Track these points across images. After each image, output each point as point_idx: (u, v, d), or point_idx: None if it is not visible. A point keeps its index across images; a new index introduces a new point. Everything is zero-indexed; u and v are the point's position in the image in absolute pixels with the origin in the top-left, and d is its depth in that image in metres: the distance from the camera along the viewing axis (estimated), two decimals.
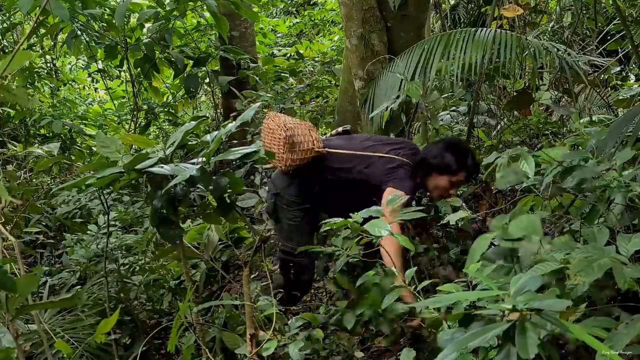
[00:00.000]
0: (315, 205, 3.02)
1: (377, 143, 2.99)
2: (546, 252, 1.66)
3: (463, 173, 2.81)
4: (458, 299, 1.41)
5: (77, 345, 2.59)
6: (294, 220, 3.01)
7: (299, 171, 2.92)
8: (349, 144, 3.00)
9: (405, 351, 1.87)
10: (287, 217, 3.02)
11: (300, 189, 2.98)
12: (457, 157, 2.81)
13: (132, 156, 2.17)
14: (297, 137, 2.86)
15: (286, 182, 3.01)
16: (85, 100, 9.21)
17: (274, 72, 6.12)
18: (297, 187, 2.98)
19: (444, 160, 2.80)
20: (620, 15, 3.80)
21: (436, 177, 2.83)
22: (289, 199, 3.00)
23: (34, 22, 3.70)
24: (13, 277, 1.63)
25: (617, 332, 1.44)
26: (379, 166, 2.85)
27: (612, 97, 4.66)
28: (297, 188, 2.98)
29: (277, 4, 11.28)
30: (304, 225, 3.02)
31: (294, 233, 3.01)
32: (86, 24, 5.10)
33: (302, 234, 3.01)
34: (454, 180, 2.82)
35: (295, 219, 3.00)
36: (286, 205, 3.01)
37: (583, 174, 1.92)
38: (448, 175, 2.81)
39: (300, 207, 2.99)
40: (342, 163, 2.93)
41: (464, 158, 2.82)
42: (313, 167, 2.93)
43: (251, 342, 2.22)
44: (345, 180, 2.92)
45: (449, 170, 2.80)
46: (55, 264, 4.02)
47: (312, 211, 3.03)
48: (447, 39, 3.37)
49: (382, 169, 2.84)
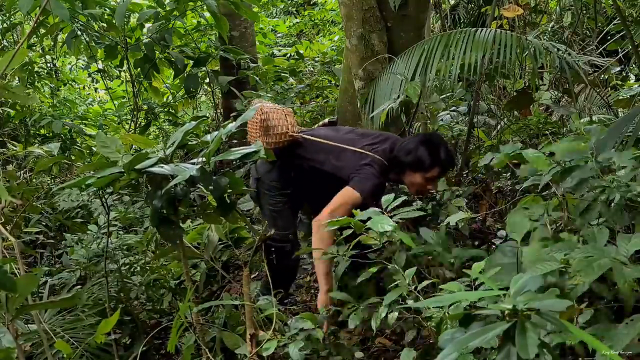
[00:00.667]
0: (296, 191, 3.03)
1: (356, 137, 2.98)
2: (546, 252, 1.66)
3: (437, 169, 2.78)
4: (458, 298, 1.41)
5: (77, 345, 2.59)
6: (275, 206, 3.03)
7: (278, 157, 2.93)
8: (329, 134, 3.00)
9: (406, 351, 1.87)
10: (268, 203, 3.05)
11: (279, 174, 3.00)
12: (430, 153, 2.77)
13: (132, 156, 2.16)
14: (271, 121, 2.89)
15: (267, 168, 3.03)
16: (85, 100, 9.21)
17: (274, 72, 6.11)
18: (277, 173, 3.00)
19: (416, 157, 2.77)
20: (620, 15, 3.80)
21: (410, 174, 2.80)
22: (269, 184, 3.02)
23: (34, 22, 3.70)
24: (13, 277, 1.63)
25: (617, 332, 1.44)
26: (351, 160, 2.84)
27: (612, 97, 4.66)
28: (277, 173, 3.00)
29: (277, 4, 11.28)
30: (285, 210, 3.04)
31: (276, 219, 3.03)
32: (86, 24, 5.10)
33: (284, 219, 3.03)
34: (428, 176, 2.78)
35: (276, 204, 3.02)
36: (267, 190, 3.03)
37: (583, 174, 1.92)
38: (421, 172, 2.78)
39: (280, 193, 3.01)
40: (316, 154, 2.94)
41: (437, 153, 2.78)
42: (290, 153, 2.95)
43: (251, 342, 2.22)
44: (318, 170, 2.93)
45: (422, 167, 2.77)
46: (55, 264, 4.02)
47: (293, 197, 3.04)
48: (447, 39, 3.37)
49: (352, 164, 2.83)
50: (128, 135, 3.06)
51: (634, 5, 5.70)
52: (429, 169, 2.77)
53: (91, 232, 3.62)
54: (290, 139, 2.93)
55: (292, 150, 2.96)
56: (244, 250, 3.42)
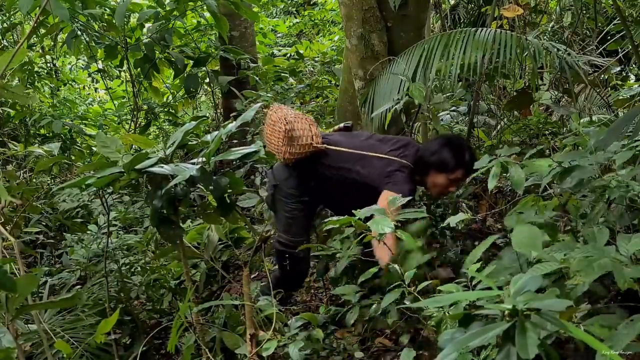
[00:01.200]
0: (313, 199, 3.03)
1: (377, 142, 2.98)
2: (546, 252, 1.66)
3: (461, 170, 2.80)
4: (458, 299, 1.41)
5: (77, 345, 2.59)
6: (291, 213, 3.02)
7: (298, 164, 2.93)
8: (349, 141, 2.99)
9: (406, 351, 1.87)
10: (284, 209, 3.03)
11: (299, 182, 2.99)
12: (454, 155, 2.79)
13: (132, 156, 2.17)
14: (296, 131, 2.86)
15: (286, 175, 3.02)
16: (85, 100, 9.21)
17: (274, 72, 6.11)
18: (296, 180, 2.99)
19: (440, 158, 2.79)
20: (620, 15, 3.80)
21: (434, 175, 2.82)
22: (287, 191, 3.01)
23: (34, 22, 3.71)
24: (13, 277, 1.63)
25: (617, 332, 1.44)
26: (378, 168, 2.84)
27: (612, 97, 4.66)
28: (295, 181, 2.99)
29: (277, 4, 11.28)
30: (301, 218, 3.03)
31: (291, 225, 3.02)
32: (86, 24, 5.10)
33: (298, 226, 3.02)
34: (452, 177, 2.81)
35: (292, 211, 3.01)
36: (284, 197, 3.02)
37: (583, 174, 1.92)
38: (446, 173, 2.80)
39: (298, 200, 3.00)
40: (340, 162, 2.92)
41: (462, 155, 2.80)
42: (311, 162, 2.94)
43: (251, 342, 2.22)
44: (343, 178, 2.92)
45: (446, 168, 2.79)
46: (55, 264, 4.02)
47: (309, 205, 3.04)
48: (447, 39, 3.37)
49: (380, 171, 2.83)
50: (128, 135, 3.06)
51: (634, 5, 5.70)
52: (453, 170, 2.79)
53: (91, 232, 3.62)
54: (314, 150, 2.91)
55: (314, 159, 2.93)
56: (244, 250, 3.42)
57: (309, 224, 3.12)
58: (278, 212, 3.08)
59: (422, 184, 2.91)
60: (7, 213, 3.10)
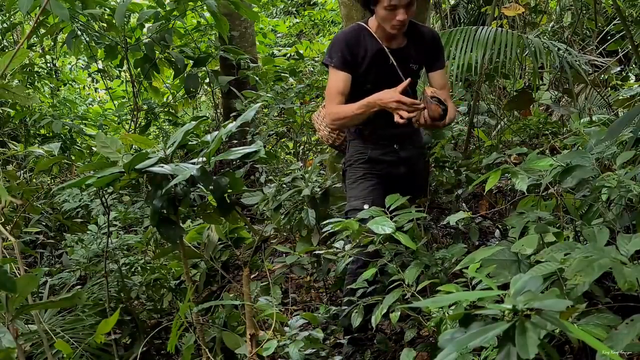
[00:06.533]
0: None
1: None
2: (546, 252, 1.66)
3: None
4: (458, 299, 1.41)
5: (77, 345, 2.58)
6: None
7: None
8: None
9: (406, 351, 1.86)
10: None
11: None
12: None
13: (132, 156, 2.16)
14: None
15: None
16: (85, 100, 9.21)
17: (274, 72, 6.11)
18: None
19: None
20: (620, 15, 3.80)
21: (376, 10, 2.73)
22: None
23: (34, 22, 3.70)
24: (13, 277, 1.62)
25: (617, 332, 1.44)
26: None
27: (612, 97, 4.66)
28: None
29: (277, 4, 11.28)
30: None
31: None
32: (86, 24, 5.10)
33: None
34: (385, 5, 2.68)
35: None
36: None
37: (583, 174, 1.92)
38: (378, 3, 2.69)
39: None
40: None
41: None
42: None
43: (251, 342, 2.22)
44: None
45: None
46: (55, 264, 4.02)
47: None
48: (447, 38, 3.37)
49: None
50: (128, 135, 3.06)
51: (634, 5, 5.70)
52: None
53: (91, 232, 3.62)
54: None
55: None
56: (244, 250, 3.42)
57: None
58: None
59: (382, 31, 2.81)
60: (7, 213, 3.10)
